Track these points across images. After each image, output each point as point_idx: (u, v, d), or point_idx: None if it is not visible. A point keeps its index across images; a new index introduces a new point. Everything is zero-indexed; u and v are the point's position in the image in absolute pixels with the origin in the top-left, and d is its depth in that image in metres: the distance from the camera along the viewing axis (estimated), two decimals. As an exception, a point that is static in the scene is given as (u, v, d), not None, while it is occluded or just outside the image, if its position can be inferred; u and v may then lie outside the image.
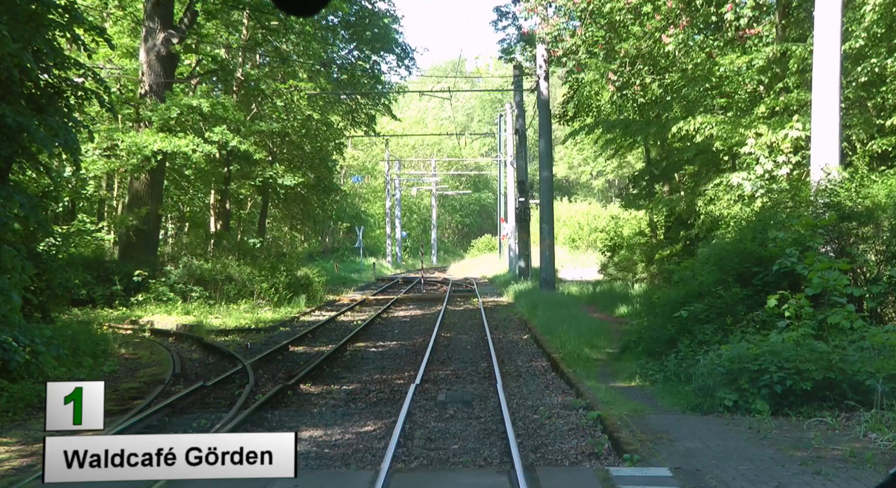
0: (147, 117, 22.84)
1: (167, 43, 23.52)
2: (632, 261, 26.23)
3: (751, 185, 13.93)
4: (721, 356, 8.58)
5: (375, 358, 14.55)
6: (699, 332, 9.79)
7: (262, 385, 11.33)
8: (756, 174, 14.04)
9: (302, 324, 20.40)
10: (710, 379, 8.50)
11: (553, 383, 11.34)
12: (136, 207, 23.48)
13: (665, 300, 11.32)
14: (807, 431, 7.42)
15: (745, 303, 9.80)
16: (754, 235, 10.31)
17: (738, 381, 8.29)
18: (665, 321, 10.79)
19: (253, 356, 13.95)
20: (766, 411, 7.88)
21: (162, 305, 21.08)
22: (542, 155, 24.75)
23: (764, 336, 8.82)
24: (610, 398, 9.25)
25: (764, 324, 9.31)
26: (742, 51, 17.26)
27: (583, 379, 10.86)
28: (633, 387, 10.15)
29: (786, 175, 13.85)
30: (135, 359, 13.39)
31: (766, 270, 9.84)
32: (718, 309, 9.87)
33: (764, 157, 13.94)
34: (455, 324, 20.37)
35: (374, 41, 32.49)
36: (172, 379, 11.26)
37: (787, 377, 7.97)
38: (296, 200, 35.43)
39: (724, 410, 8.18)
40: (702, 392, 8.54)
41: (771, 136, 13.96)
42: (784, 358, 8.13)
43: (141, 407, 9.22)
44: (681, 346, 9.89)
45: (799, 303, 8.49)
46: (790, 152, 13.89)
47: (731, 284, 9.93)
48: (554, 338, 15.00)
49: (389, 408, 9.60)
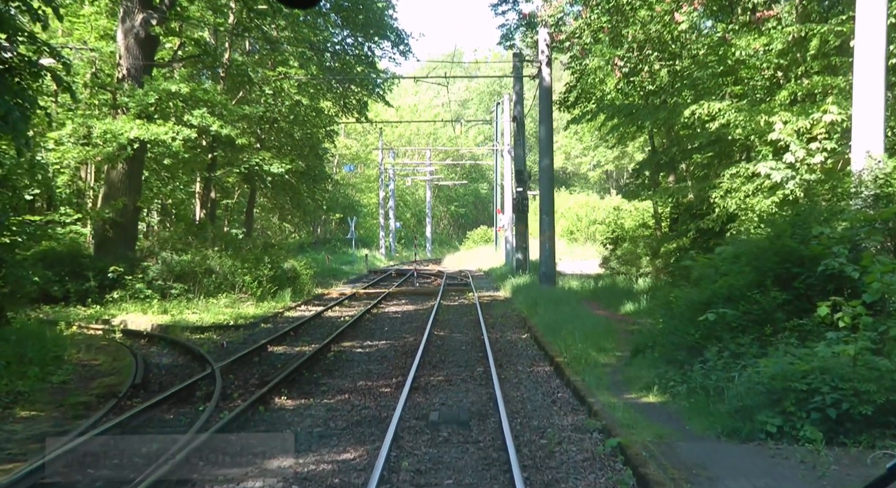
0: (124, 103, 21.46)
1: (146, 24, 22.14)
2: (635, 254, 24.95)
3: (780, 175, 12.58)
4: (761, 372, 7.33)
5: (362, 360, 13.30)
6: (731, 342, 8.48)
7: (231, 395, 10.06)
8: (786, 162, 12.70)
9: (285, 320, 19.15)
10: (749, 400, 7.25)
11: (560, 394, 10.07)
12: (112, 199, 22.12)
13: (686, 301, 10.02)
14: (872, 467, 6.17)
15: (784, 309, 8.50)
16: (794, 231, 9.00)
17: (782, 403, 7.03)
18: (687, 325, 9.50)
19: (226, 358, 12.70)
20: (819, 440, 6.61)
21: (138, 303, 19.76)
22: (543, 142, 23.43)
23: (810, 349, 7.55)
24: (628, 418, 7.97)
25: (808, 335, 8.03)
26: (759, 34, 15.98)
27: (593, 391, 9.61)
28: (652, 404, 8.87)
29: (820, 163, 12.52)
30: (93, 365, 12.05)
31: (808, 271, 8.53)
32: (755, 316, 8.56)
33: (795, 144, 12.59)
34: (449, 320, 19.15)
35: (368, 26, 31.10)
36: (130, 391, 9.96)
37: (843, 399, 6.72)
38: (284, 189, 34.09)
39: (767, 437, 6.93)
40: (739, 414, 7.28)
41: (801, 121, 12.61)
42: (838, 376, 6.87)
43: (84, 427, 7.92)
44: (708, 355, 8.61)
45: (855, 311, 7.20)
46: (824, 138, 12.55)
47: (770, 287, 8.61)
48: (557, 338, 13.79)
49: (373, 429, 8.33)
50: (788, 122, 12.72)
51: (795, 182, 12.35)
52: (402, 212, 74.02)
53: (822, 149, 12.43)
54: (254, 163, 27.38)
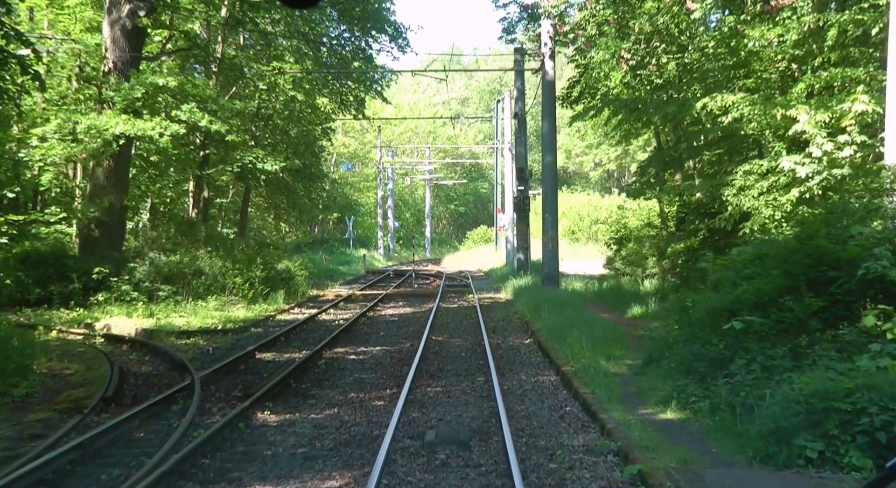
0: (109, 98, 20.62)
1: (133, 16, 21.30)
2: (641, 255, 24.10)
3: (806, 170, 11.71)
4: (798, 389, 6.51)
5: (354, 368, 12.47)
6: (759, 354, 7.63)
7: (210, 409, 9.25)
8: (812, 156, 11.83)
9: (277, 323, 18.34)
10: (785, 420, 6.42)
11: (568, 408, 9.24)
12: (98, 197, 21.25)
13: (705, 306, 9.17)
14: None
15: (819, 318, 7.65)
16: (828, 230, 8.16)
17: (823, 425, 6.21)
18: (708, 333, 8.67)
19: (210, 366, 11.90)
20: (868, 467, 5.80)
21: (124, 306, 18.89)
22: (546, 138, 22.58)
23: (851, 363, 6.72)
24: (647, 438, 7.16)
25: (847, 346, 7.20)
26: (773, 24, 15.16)
27: (604, 405, 8.80)
28: (672, 421, 8.05)
29: (848, 157, 11.66)
30: (64, 375, 11.20)
31: (846, 275, 7.69)
32: (787, 324, 7.71)
33: (821, 137, 11.72)
34: (448, 324, 18.33)
35: (365, 20, 30.23)
36: (99, 405, 9.12)
37: (895, 421, 5.91)
38: (279, 188, 33.24)
39: (807, 464, 6.10)
40: (773, 436, 6.45)
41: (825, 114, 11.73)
42: (888, 395, 6.05)
43: (38, 450, 7.09)
44: (734, 368, 7.77)
45: (906, 321, 6.40)
46: (854, 130, 11.69)
47: (804, 293, 7.76)
48: (562, 344, 12.98)
49: (363, 450, 7.50)
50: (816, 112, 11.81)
51: (822, 177, 11.48)
52: (400, 211, 73.17)
53: (852, 141, 11.58)
54: (247, 160, 26.54)
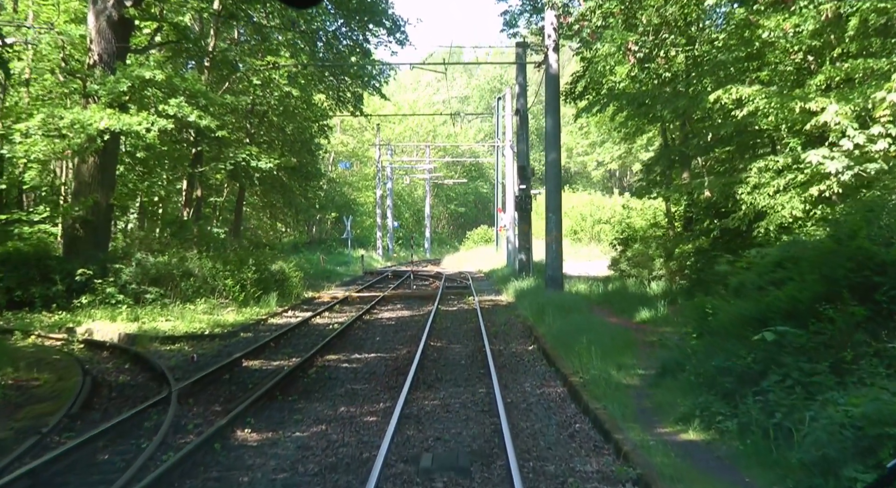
0: (94, 91, 19.78)
1: (119, 6, 20.47)
2: (647, 256, 23.27)
3: (836, 165, 10.86)
4: (845, 411, 5.69)
5: (347, 378, 11.65)
6: (796, 369, 6.78)
7: (185, 426, 8.43)
8: (842, 149, 10.99)
9: (268, 328, 17.53)
10: (831, 447, 5.60)
11: (578, 426, 8.42)
12: (83, 196, 20.39)
13: (729, 314, 8.34)
14: None
15: (864, 329, 6.82)
16: (870, 230, 7.33)
17: (876, 453, 5.38)
18: (734, 344, 7.83)
19: (192, 375, 11.08)
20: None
21: (108, 309, 18.04)
22: (550, 134, 21.73)
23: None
24: (669, 464, 6.32)
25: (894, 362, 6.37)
26: (789, 14, 14.35)
27: (619, 422, 7.96)
28: (695, 443, 7.21)
29: (882, 151, 10.82)
30: (31, 387, 10.36)
31: (891, 281, 6.87)
32: (828, 337, 6.88)
33: (852, 129, 10.88)
34: (447, 328, 17.52)
35: (362, 12, 29.38)
36: (63, 422, 8.30)
37: (961, 451, 5.10)
38: (274, 186, 32.40)
39: (859, 499, 5.29)
40: (817, 466, 5.62)
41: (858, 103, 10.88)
42: (953, 419, 5.24)
43: (-19, 479, 6.27)
44: (766, 385, 6.93)
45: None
46: (888, 122, 10.84)
47: (847, 301, 6.92)
48: (569, 352, 12.15)
49: (350, 477, 6.68)
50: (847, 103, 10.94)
51: (853, 173, 10.65)
52: (400, 211, 72.35)
53: (886, 134, 10.74)
54: (241, 158, 25.70)
